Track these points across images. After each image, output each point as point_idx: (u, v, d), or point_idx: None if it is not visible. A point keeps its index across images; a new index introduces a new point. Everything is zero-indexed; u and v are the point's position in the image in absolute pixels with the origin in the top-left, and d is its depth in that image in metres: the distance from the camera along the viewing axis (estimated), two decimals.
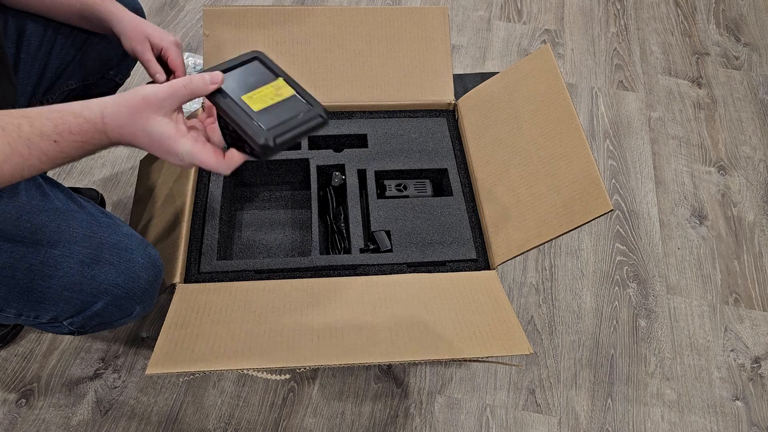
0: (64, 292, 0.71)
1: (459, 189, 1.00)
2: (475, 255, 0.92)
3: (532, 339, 1.10)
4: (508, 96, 0.99)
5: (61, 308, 0.73)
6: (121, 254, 0.74)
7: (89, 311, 0.74)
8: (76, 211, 0.74)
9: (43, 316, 0.74)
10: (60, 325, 0.76)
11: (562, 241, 1.25)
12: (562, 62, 1.63)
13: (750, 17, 1.80)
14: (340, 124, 1.07)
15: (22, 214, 0.69)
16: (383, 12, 1.07)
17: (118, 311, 0.76)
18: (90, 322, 0.76)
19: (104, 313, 0.75)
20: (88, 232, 0.73)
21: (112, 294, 0.73)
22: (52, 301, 0.71)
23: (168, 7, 1.66)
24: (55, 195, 0.74)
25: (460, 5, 1.76)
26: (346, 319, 0.78)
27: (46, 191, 0.73)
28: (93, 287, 0.72)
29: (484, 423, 1.00)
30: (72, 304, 0.72)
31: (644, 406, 1.04)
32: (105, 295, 0.73)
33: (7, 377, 0.99)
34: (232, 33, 1.03)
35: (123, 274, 0.73)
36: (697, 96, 1.57)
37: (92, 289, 0.72)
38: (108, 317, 0.76)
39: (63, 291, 0.71)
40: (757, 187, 1.38)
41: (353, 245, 0.92)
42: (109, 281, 0.72)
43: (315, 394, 1.01)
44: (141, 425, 0.96)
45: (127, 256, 0.74)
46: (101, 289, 0.72)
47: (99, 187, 1.23)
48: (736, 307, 1.18)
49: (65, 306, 0.72)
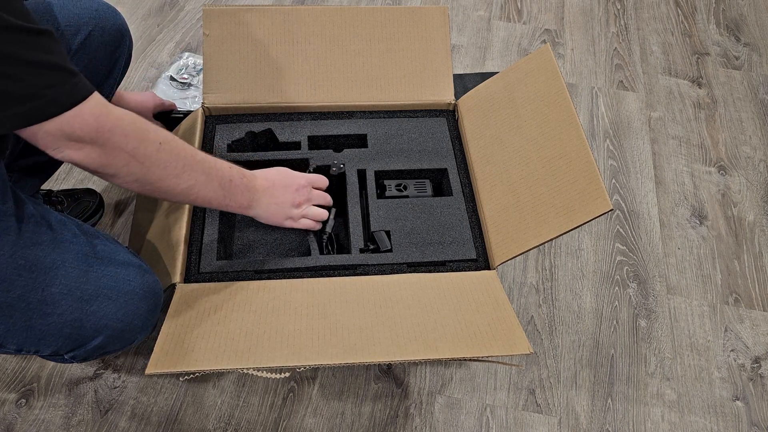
0: (63, 329, 0.70)
1: (459, 189, 1.00)
2: (475, 255, 0.92)
3: (532, 339, 1.10)
4: (508, 96, 0.99)
5: (61, 344, 0.72)
6: (119, 287, 0.72)
7: (90, 345, 0.73)
8: (70, 242, 0.72)
9: (43, 351, 0.73)
10: (61, 357, 0.76)
11: (562, 241, 1.25)
12: (562, 62, 1.63)
13: (750, 17, 1.80)
14: (340, 124, 1.07)
15: (16, 250, 0.67)
16: (383, 12, 1.07)
17: (120, 342, 0.75)
18: (92, 354, 0.75)
19: (106, 346, 0.74)
20: (85, 266, 0.71)
21: (113, 328, 0.73)
22: (51, 337, 0.71)
23: (168, 7, 1.66)
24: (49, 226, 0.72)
25: (460, 5, 1.76)
26: (346, 318, 0.78)
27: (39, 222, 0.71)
28: (92, 323, 0.71)
29: (484, 423, 1.00)
30: (72, 339, 0.72)
31: (644, 406, 1.04)
32: (105, 329, 0.72)
33: (7, 377, 0.99)
34: (232, 32, 1.03)
35: (122, 308, 0.72)
36: (698, 96, 1.57)
37: (92, 325, 0.71)
38: (109, 348, 0.76)
39: (62, 328, 0.70)
40: (758, 187, 1.38)
41: (353, 245, 0.92)
42: (108, 316, 0.72)
43: (315, 394, 1.01)
44: (141, 425, 0.96)
45: (126, 289, 0.73)
46: (101, 325, 0.72)
47: (98, 190, 1.23)
48: (736, 307, 1.18)
49: (65, 342, 0.72)
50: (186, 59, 1.42)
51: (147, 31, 1.58)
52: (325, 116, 1.08)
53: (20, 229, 0.69)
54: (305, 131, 1.05)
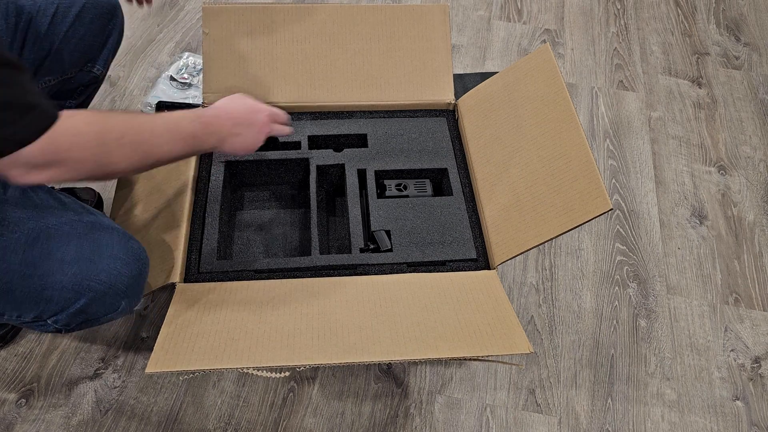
0: (44, 291, 0.71)
1: (459, 189, 1.00)
2: (475, 255, 0.92)
3: (532, 339, 1.10)
4: (508, 96, 0.99)
5: (42, 307, 0.72)
6: (101, 250, 0.73)
7: (72, 308, 0.73)
8: (55, 207, 0.74)
9: (25, 316, 0.73)
10: (44, 323, 0.75)
11: (562, 241, 1.24)
12: (562, 62, 1.63)
13: (750, 17, 1.80)
14: (340, 123, 1.07)
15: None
16: (383, 10, 1.07)
17: (103, 307, 0.75)
18: (75, 320, 0.75)
19: (88, 310, 0.74)
20: (68, 229, 0.72)
21: (95, 290, 0.73)
22: (33, 300, 0.71)
23: (168, 7, 1.66)
24: (35, 192, 0.74)
25: (460, 5, 1.76)
26: (346, 318, 0.78)
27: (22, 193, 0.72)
28: (74, 285, 0.71)
29: (484, 423, 1.00)
30: (54, 302, 0.72)
31: (644, 406, 1.04)
32: (87, 291, 0.72)
33: (7, 377, 0.99)
34: (232, 31, 1.03)
35: (104, 270, 0.73)
36: (698, 96, 1.57)
37: (74, 287, 0.71)
38: (93, 314, 0.75)
39: (43, 290, 0.71)
40: (757, 187, 1.38)
41: (353, 245, 0.92)
42: (90, 277, 0.72)
43: (315, 394, 1.01)
44: (141, 425, 0.96)
45: (108, 252, 0.73)
46: (83, 286, 0.72)
47: (96, 187, 1.23)
48: (736, 307, 1.18)
49: (47, 305, 0.72)
50: (186, 59, 1.42)
51: (147, 31, 1.58)
52: (325, 116, 1.08)
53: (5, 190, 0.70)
54: (305, 131, 1.05)
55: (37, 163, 0.58)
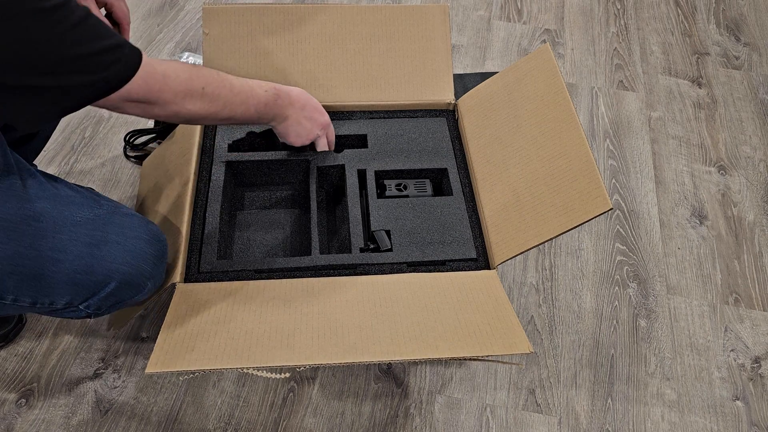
0: (76, 275, 0.72)
1: (459, 189, 1.00)
2: (475, 254, 0.92)
3: (532, 339, 1.10)
4: (508, 96, 0.99)
5: (75, 293, 0.73)
6: (125, 232, 0.75)
7: (103, 292, 0.74)
8: (75, 196, 0.76)
9: (58, 302, 0.74)
10: (76, 309, 0.76)
11: (562, 241, 1.25)
12: (562, 62, 1.63)
13: (750, 17, 1.80)
14: (340, 124, 1.07)
15: (23, 203, 0.70)
16: (383, 10, 1.07)
17: (131, 289, 0.77)
18: (105, 303, 0.77)
19: (118, 293, 0.76)
20: (91, 215, 0.74)
21: (123, 273, 0.74)
22: (65, 285, 0.72)
23: (168, 7, 1.66)
24: (52, 184, 0.75)
25: (460, 5, 1.76)
26: (346, 318, 0.78)
27: (42, 182, 0.74)
28: (103, 268, 0.73)
29: (484, 423, 1.00)
30: (85, 287, 0.73)
31: (644, 406, 1.04)
32: (116, 274, 0.74)
33: (7, 377, 0.99)
34: (232, 31, 1.03)
35: (131, 251, 0.75)
36: (697, 96, 1.57)
37: (103, 270, 0.73)
38: (122, 296, 0.77)
39: (75, 275, 0.72)
40: (758, 187, 1.38)
41: (353, 245, 0.92)
42: (118, 260, 0.74)
43: (315, 394, 1.01)
44: (141, 425, 0.96)
45: (132, 234, 0.76)
46: (112, 269, 0.73)
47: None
48: (736, 307, 1.18)
49: (79, 290, 0.73)
50: (186, 59, 1.42)
51: (147, 31, 1.58)
52: None
53: (25, 185, 0.72)
54: None
55: (133, 98, 0.67)
